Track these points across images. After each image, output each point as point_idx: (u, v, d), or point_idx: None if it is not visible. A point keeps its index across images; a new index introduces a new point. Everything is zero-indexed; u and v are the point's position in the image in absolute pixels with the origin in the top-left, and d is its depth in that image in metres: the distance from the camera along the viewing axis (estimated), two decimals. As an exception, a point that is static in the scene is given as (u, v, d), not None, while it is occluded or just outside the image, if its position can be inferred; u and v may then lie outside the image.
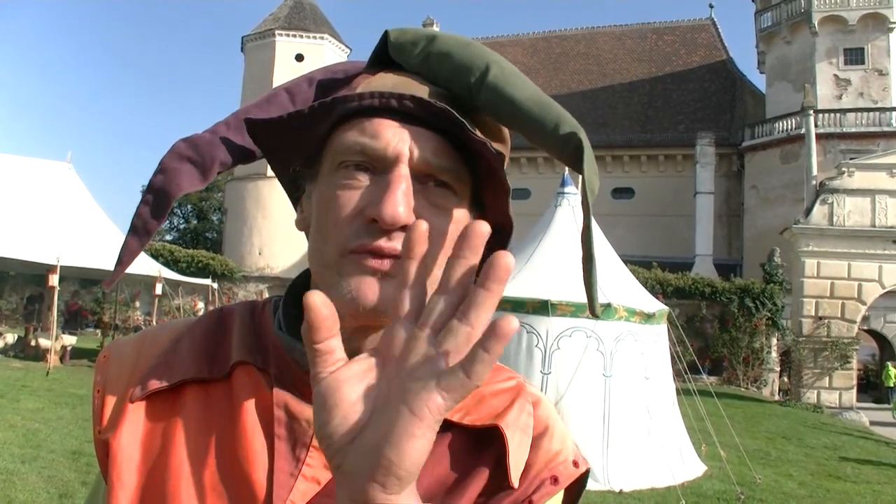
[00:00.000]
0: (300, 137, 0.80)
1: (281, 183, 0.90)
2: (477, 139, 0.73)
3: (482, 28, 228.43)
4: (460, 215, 0.78)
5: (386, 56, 0.84)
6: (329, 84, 0.92)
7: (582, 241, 0.81)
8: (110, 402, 0.83)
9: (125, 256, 0.87)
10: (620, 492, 8.42)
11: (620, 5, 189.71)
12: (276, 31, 44.75)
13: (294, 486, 0.75)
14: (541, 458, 0.81)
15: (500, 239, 0.85)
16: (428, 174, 0.75)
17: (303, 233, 0.84)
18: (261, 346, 0.84)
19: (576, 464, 0.83)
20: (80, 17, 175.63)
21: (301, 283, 0.87)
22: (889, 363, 31.99)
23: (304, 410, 0.78)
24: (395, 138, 0.74)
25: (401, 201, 0.71)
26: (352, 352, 0.75)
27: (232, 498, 0.76)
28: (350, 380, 0.56)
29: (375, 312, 0.73)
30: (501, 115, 0.80)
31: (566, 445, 0.84)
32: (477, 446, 0.79)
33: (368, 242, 0.72)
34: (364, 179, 0.74)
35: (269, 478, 0.75)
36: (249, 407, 0.79)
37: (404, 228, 0.71)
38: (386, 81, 0.80)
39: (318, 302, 0.55)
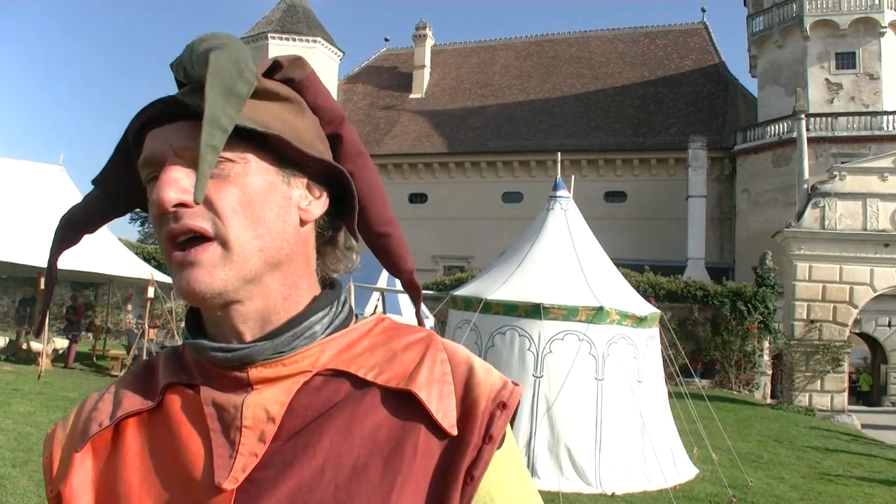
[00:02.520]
0: (133, 178, 0.88)
1: None
2: (195, 110, 0.77)
3: (475, 32, 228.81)
4: (254, 179, 0.82)
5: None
6: None
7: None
8: (57, 460, 0.90)
9: (45, 301, 0.97)
10: (613, 495, 8.43)
11: (613, 9, 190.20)
12: (269, 35, 44.77)
13: (234, 465, 0.80)
14: (481, 393, 0.84)
15: (340, 189, 0.91)
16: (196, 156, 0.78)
17: None
18: (183, 366, 0.90)
19: (514, 383, 0.87)
20: (71, 20, 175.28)
21: None
22: (864, 373, 32.59)
23: (230, 398, 0.84)
24: (157, 140, 0.82)
25: (165, 186, 0.78)
26: (237, 335, 0.85)
27: (180, 497, 0.81)
28: None
29: (197, 298, 0.80)
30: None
31: (497, 373, 0.88)
32: (401, 404, 0.83)
33: (166, 229, 0.80)
34: None
35: (209, 466, 0.81)
36: (183, 418, 0.85)
37: (186, 205, 0.79)
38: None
39: None
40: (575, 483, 8.49)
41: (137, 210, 0.95)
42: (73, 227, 0.92)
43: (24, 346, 17.58)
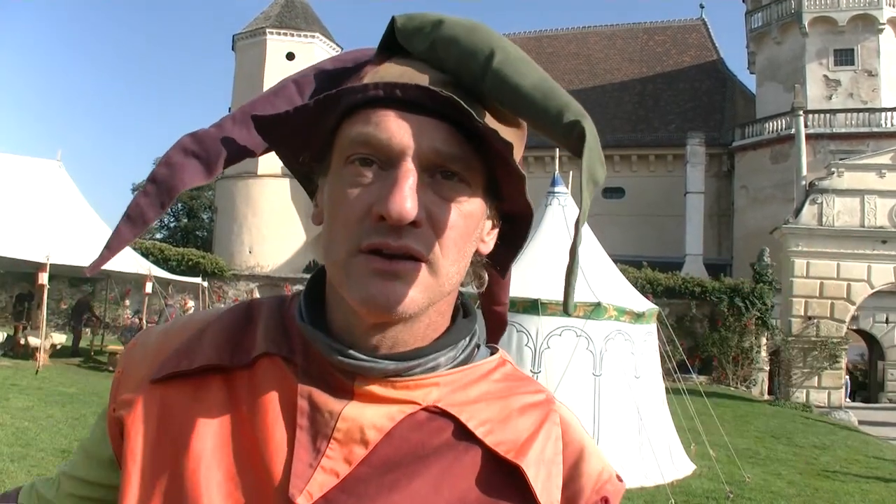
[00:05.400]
0: (308, 131, 0.78)
1: (295, 176, 0.89)
2: (484, 128, 0.71)
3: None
4: (473, 206, 0.77)
5: (394, 42, 0.81)
6: (338, 74, 0.90)
7: (575, 231, 0.77)
8: (128, 382, 0.84)
9: (114, 243, 0.83)
10: (610, 490, 8.42)
11: (611, 5, 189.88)
12: (268, 30, 44.69)
13: (312, 477, 0.74)
14: (587, 484, 0.81)
15: (518, 228, 0.86)
16: (437, 165, 0.73)
17: (307, 231, 0.82)
18: (287, 337, 0.83)
19: (619, 478, 0.84)
20: (69, 15, 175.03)
21: (321, 275, 0.86)
22: (852, 374, 33.12)
23: (328, 402, 0.77)
24: (401, 129, 0.72)
25: (408, 196, 0.69)
26: (371, 347, 0.77)
27: (249, 486, 0.75)
28: None
29: (386, 313, 0.73)
30: (506, 103, 0.77)
31: (605, 462, 0.84)
32: (502, 472, 0.78)
33: (378, 240, 0.71)
34: (371, 175, 0.73)
35: (287, 467, 0.75)
36: (273, 397, 0.78)
37: (415, 224, 0.71)
38: (392, 71, 0.78)
39: None
40: (572, 479, 8.48)
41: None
42: (211, 154, 0.84)
43: (22, 342, 17.58)
